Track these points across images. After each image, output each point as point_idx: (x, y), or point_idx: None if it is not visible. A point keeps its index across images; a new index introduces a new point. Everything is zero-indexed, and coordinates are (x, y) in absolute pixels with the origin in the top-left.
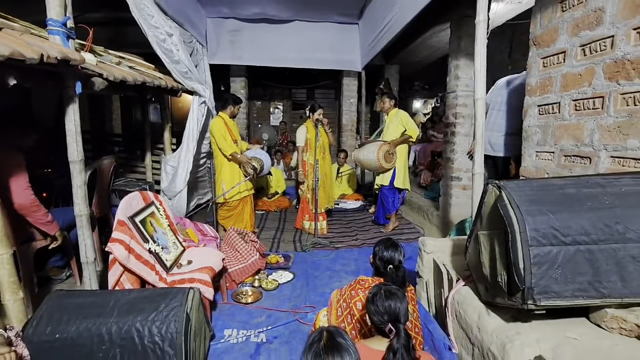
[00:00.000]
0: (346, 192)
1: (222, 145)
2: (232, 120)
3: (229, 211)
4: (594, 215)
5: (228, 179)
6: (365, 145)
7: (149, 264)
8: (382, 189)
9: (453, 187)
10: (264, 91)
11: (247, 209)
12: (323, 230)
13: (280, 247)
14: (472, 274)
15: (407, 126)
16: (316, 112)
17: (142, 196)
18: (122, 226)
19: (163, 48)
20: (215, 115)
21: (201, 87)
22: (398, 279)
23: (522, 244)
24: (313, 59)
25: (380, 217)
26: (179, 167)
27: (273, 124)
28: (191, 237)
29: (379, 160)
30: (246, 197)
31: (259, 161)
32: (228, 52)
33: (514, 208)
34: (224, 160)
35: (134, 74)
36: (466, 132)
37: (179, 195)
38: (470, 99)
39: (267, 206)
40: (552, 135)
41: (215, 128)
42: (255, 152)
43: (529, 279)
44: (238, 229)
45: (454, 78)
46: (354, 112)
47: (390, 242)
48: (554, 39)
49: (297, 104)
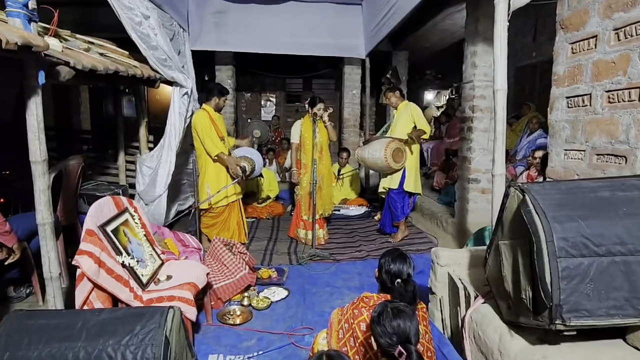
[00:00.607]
0: (348, 196)
1: (206, 143)
2: (218, 114)
3: (214, 218)
4: (631, 222)
5: (213, 181)
6: (371, 142)
7: (122, 279)
8: (389, 192)
9: (470, 191)
10: (254, 81)
11: (234, 216)
12: (322, 239)
13: (273, 260)
14: (493, 290)
15: (418, 121)
16: (315, 106)
17: (115, 202)
18: (92, 236)
19: (139, 32)
20: (199, 108)
21: (182, 76)
22: (407, 295)
23: (549, 255)
24: (310, 44)
25: (387, 225)
26: (159, 168)
27: (264, 118)
28: (171, 249)
29: (386, 159)
30: (233, 203)
31: (249, 161)
32: (212, 37)
33: (539, 214)
34: (209, 160)
35: (106, 62)
36: (485, 128)
37: (157, 200)
38: (489, 90)
39: (257, 213)
40: (583, 131)
41: (199, 123)
42: (245, 151)
43: (557, 295)
44: (225, 240)
45: (470, 66)
46: (357, 105)
47: (397, 252)
48: (584, 21)
49: (292, 95)
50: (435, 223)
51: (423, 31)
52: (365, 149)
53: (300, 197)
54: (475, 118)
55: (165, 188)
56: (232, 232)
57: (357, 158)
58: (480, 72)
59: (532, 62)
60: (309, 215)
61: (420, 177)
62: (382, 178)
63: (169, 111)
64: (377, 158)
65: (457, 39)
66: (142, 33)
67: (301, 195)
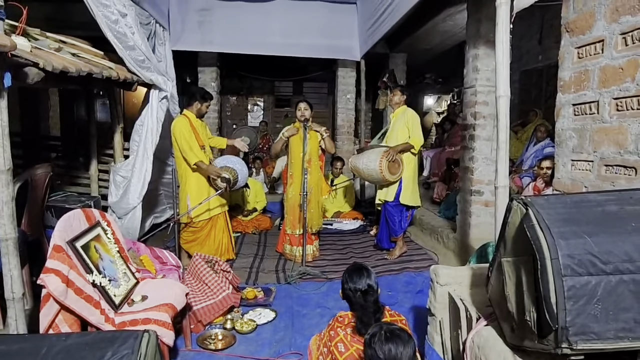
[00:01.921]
0: (342, 209)
1: (185, 151)
2: (200, 120)
3: (195, 233)
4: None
5: (194, 192)
6: (366, 151)
7: (92, 300)
8: (385, 205)
9: (473, 203)
10: (240, 84)
11: (218, 231)
12: (310, 256)
13: (260, 279)
14: (496, 311)
15: (411, 130)
16: (297, 108)
17: (86, 215)
18: (59, 253)
19: (115, 31)
20: (179, 113)
21: (162, 78)
22: (368, 306)
23: (553, 273)
24: (301, 45)
25: (383, 240)
26: (133, 177)
27: (251, 124)
28: (146, 267)
29: (381, 170)
30: (217, 216)
31: (231, 171)
32: (196, 36)
33: (543, 229)
34: (189, 170)
35: (78, 63)
36: (488, 136)
37: (132, 213)
38: (492, 96)
39: (243, 227)
40: (591, 140)
41: (178, 130)
42: (227, 160)
43: (563, 317)
44: (206, 256)
45: (472, 70)
46: (351, 110)
47: (354, 266)
48: (590, 25)
49: (282, 99)
50: (436, 238)
51: (422, 32)
52: (360, 159)
53: (285, 210)
54: (477, 125)
55: (139, 199)
56: (217, 248)
57: (351, 168)
58: (482, 77)
59: (538, 66)
60: (292, 229)
61: (418, 188)
62: (378, 190)
63: (144, 116)
64: (372, 169)
65: (459, 40)
66: (119, 32)
67: (286, 208)
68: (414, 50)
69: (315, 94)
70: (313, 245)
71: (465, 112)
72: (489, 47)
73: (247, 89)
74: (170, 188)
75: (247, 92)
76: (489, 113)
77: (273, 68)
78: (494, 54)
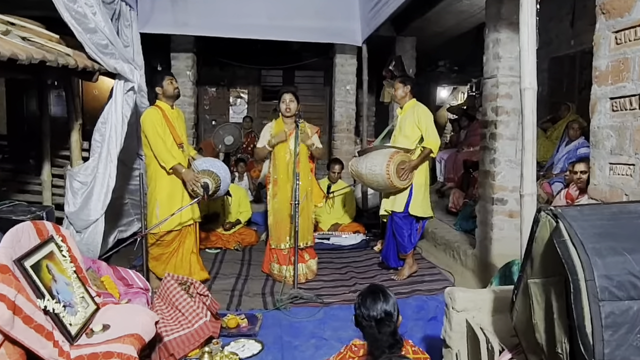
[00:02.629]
0: (340, 220)
1: (158, 150)
2: (175, 110)
3: (162, 249)
4: None
5: (165, 199)
6: (369, 153)
7: (43, 330)
8: (393, 216)
9: (495, 214)
10: (220, 73)
11: (187, 245)
12: (302, 277)
13: (243, 304)
14: (522, 342)
15: (425, 131)
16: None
17: (36, 228)
18: (5, 273)
19: (72, 10)
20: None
21: (128, 67)
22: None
23: (588, 297)
24: (292, 28)
25: (390, 257)
26: (95, 184)
27: (234, 119)
28: (109, 290)
29: (388, 176)
30: (188, 228)
31: (214, 177)
32: (168, 17)
33: (576, 246)
34: (160, 171)
35: (29, 49)
36: (512, 135)
37: (93, 226)
38: (516, 87)
39: (223, 242)
40: (631, 140)
41: (149, 123)
42: (208, 163)
43: (600, 349)
44: (179, 277)
45: (493, 58)
46: (351, 104)
47: (370, 288)
48: (629, 5)
49: (269, 91)
50: (452, 255)
51: (434, 13)
52: (362, 162)
53: (269, 222)
54: (499, 122)
55: (102, 210)
56: (187, 266)
57: (351, 172)
58: (504, 66)
59: (570, 53)
60: (278, 243)
61: (431, 196)
62: (384, 198)
63: (107, 111)
64: (377, 174)
65: (477, 22)
66: (77, 12)
67: (270, 220)
68: (425, 34)
69: (309, 84)
70: (306, 264)
71: (485, 106)
72: (513, 30)
73: (228, 79)
74: (138, 196)
75: (228, 83)
76: (513, 107)
77: (259, 54)
78: (518, 39)
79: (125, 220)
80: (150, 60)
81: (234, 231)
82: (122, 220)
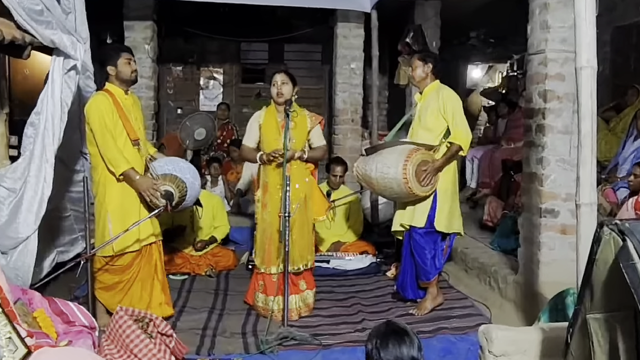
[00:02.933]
0: (344, 238)
1: (105, 148)
2: (129, 96)
3: (116, 275)
4: None
5: (117, 211)
6: (380, 151)
7: None
8: (411, 233)
9: (543, 230)
10: (188, 47)
11: (148, 270)
12: (295, 312)
13: (218, 346)
14: None
15: (452, 120)
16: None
17: None
18: None
19: None
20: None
21: (68, 39)
22: None
23: None
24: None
25: (407, 285)
26: (26, 191)
27: (205, 107)
28: (44, 328)
29: (406, 180)
30: (149, 247)
31: (178, 183)
32: None
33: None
34: (111, 176)
35: None
36: (565, 127)
37: (23, 245)
38: (570, 66)
39: (192, 266)
40: None
41: (95, 114)
42: (170, 164)
43: None
44: (134, 311)
45: (539, 27)
46: (357, 87)
47: (390, 327)
48: None
49: (251, 70)
50: (487, 282)
51: None
52: (372, 162)
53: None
54: (548, 111)
55: (35, 224)
56: (147, 297)
57: (357, 176)
58: (555, 38)
59: None
60: (266, 266)
61: (460, 206)
62: (399, 209)
63: (43, 97)
64: (391, 178)
65: None
66: None
67: (256, 235)
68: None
69: (303, 62)
70: (301, 295)
71: (529, 90)
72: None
73: (198, 55)
74: (82, 207)
75: (198, 60)
76: (566, 92)
77: (238, 23)
78: (573, 3)
79: (67, 238)
80: (99, 31)
81: (206, 252)
82: (62, 239)
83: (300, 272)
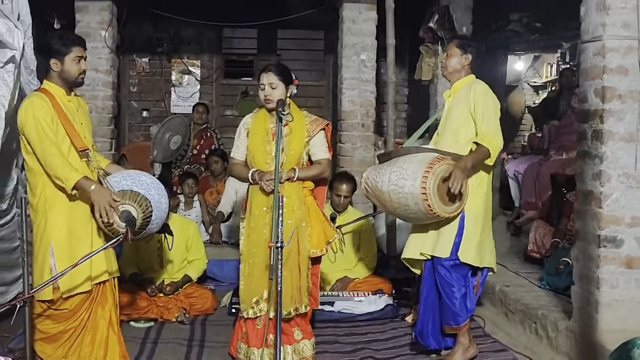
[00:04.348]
0: (352, 273)
1: (48, 159)
2: (73, 97)
3: (60, 323)
4: None
5: (63, 240)
6: (396, 158)
7: None
8: (435, 264)
9: (603, 263)
10: (156, 34)
11: (102, 316)
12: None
13: None
14: None
15: (480, 121)
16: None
17: None
18: None
19: None
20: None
21: (4, 24)
22: None
23: None
24: None
25: (429, 332)
26: None
27: (179, 109)
28: None
29: (426, 196)
30: (102, 287)
31: (140, 201)
32: None
33: None
34: (56, 195)
35: None
36: (629, 133)
37: None
38: (634, 56)
39: (160, 310)
40: None
41: (31, 120)
42: (128, 178)
43: None
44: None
45: (596, 9)
46: (369, 83)
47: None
48: None
49: (236, 62)
50: (533, 330)
51: None
52: (384, 172)
53: (241, 276)
54: (607, 113)
55: None
56: (101, 351)
57: (366, 188)
58: (615, 22)
59: None
60: (249, 309)
61: (497, 232)
62: (415, 232)
63: None
64: (408, 193)
65: None
66: None
67: (242, 272)
68: None
69: (302, 51)
70: (295, 346)
71: (583, 87)
72: None
73: (170, 44)
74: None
75: (170, 49)
76: (630, 90)
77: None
78: None
79: (11, 275)
80: (43, 13)
81: (177, 293)
82: (4, 275)
83: (290, 318)
